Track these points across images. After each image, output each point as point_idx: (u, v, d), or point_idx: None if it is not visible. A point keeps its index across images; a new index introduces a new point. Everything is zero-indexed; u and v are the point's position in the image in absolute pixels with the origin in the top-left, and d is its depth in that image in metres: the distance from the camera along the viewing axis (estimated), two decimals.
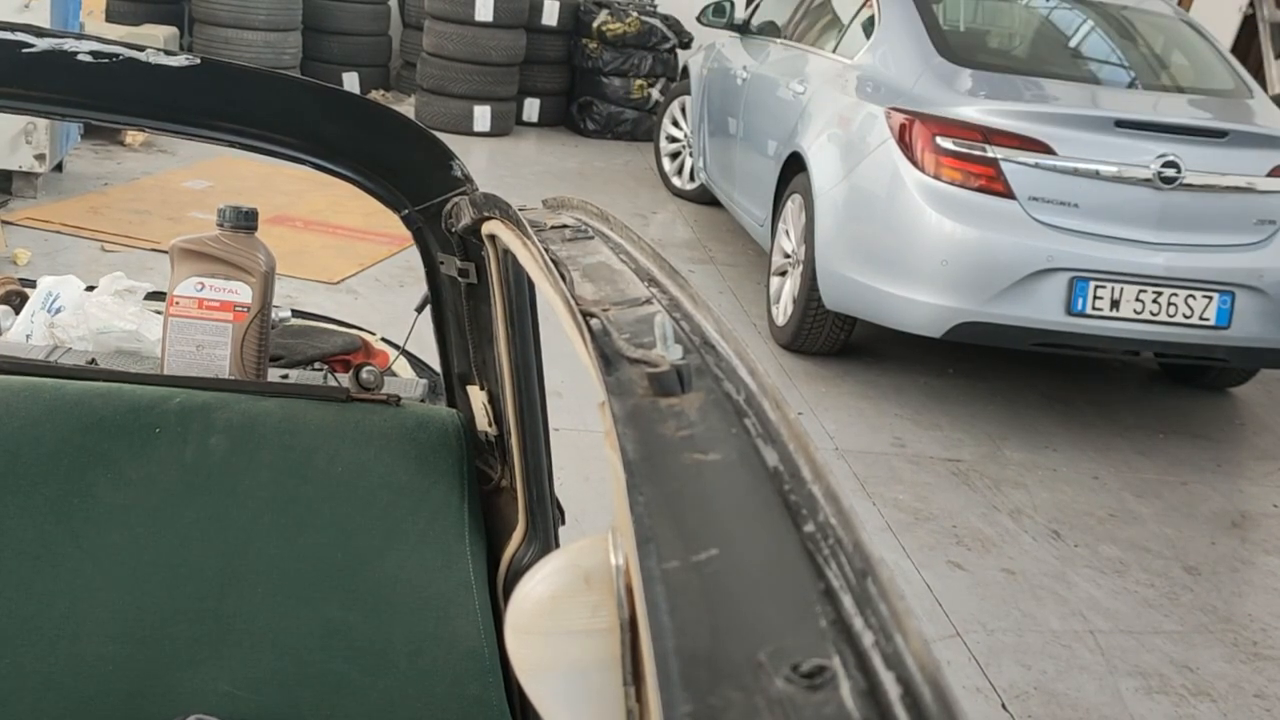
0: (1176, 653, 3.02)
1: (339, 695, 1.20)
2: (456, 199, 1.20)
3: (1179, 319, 4.16)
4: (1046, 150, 4.10)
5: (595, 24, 8.87)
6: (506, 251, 1.04)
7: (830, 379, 4.60)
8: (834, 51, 5.25)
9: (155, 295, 1.79)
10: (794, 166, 4.92)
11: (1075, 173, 4.11)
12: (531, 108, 9.01)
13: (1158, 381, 5.22)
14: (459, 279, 1.26)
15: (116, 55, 1.11)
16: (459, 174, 1.22)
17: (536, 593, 0.46)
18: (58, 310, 1.72)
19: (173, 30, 7.23)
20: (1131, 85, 4.93)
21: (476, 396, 1.35)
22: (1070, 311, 4.12)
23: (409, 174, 1.23)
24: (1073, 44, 5.25)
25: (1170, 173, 4.12)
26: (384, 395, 1.33)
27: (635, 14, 8.95)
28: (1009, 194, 4.09)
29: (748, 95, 5.92)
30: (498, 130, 8.43)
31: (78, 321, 1.68)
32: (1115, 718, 2.77)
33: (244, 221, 1.42)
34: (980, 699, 2.76)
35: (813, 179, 4.62)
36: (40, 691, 1.14)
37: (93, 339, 1.66)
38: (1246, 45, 8.95)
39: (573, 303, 0.63)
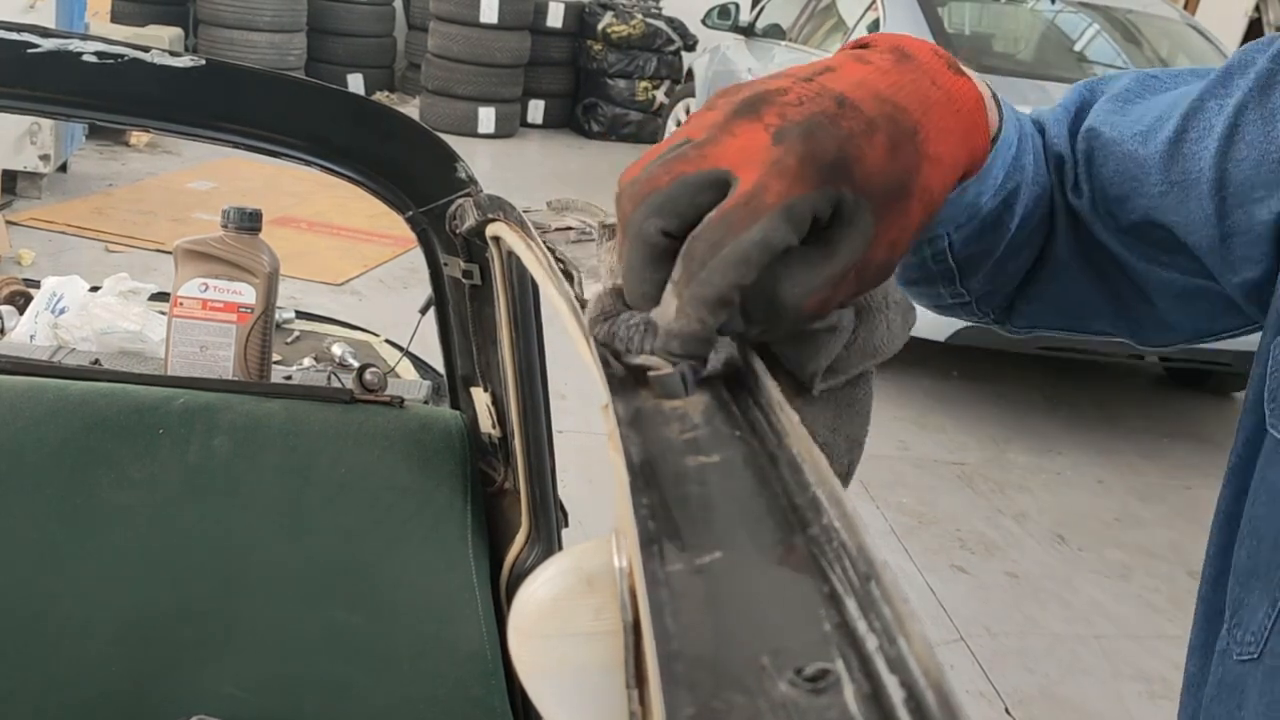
0: (1180, 657, 3.01)
1: (341, 697, 1.20)
2: (461, 201, 1.20)
3: None
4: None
5: (600, 26, 8.88)
6: (510, 253, 1.04)
7: None
8: None
9: (159, 296, 1.79)
10: None
11: None
12: (536, 109, 9.02)
13: (1162, 385, 5.21)
14: (463, 281, 1.26)
15: (121, 56, 1.11)
16: (463, 175, 1.22)
17: (539, 595, 0.46)
18: (62, 311, 1.72)
19: (178, 31, 7.25)
20: None
21: (480, 398, 1.35)
22: None
23: (413, 175, 1.23)
24: (1077, 48, 5.25)
25: None
26: (387, 397, 1.33)
27: (640, 16, 8.96)
28: None
29: None
30: (502, 132, 8.44)
31: (82, 322, 1.68)
32: None
33: (248, 223, 1.42)
34: (984, 703, 2.76)
35: None
36: (43, 692, 1.14)
37: (96, 339, 1.66)
38: None
39: (576, 305, 0.63)
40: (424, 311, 1.47)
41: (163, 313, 1.56)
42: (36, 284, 1.87)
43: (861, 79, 0.53)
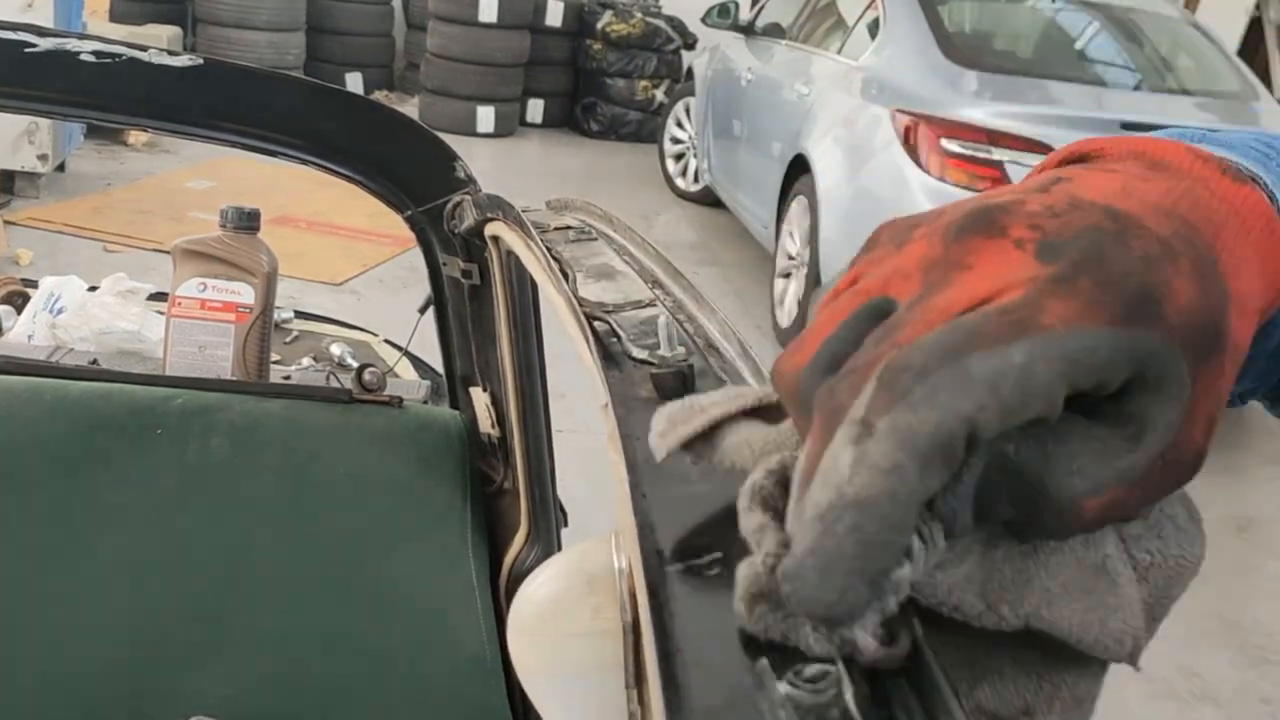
0: (1182, 657, 3.01)
1: (340, 698, 1.19)
2: (460, 200, 1.20)
3: None
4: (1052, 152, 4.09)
5: (599, 25, 8.88)
6: (510, 253, 1.04)
7: None
8: (839, 53, 5.25)
9: (157, 296, 1.79)
10: (798, 168, 4.92)
11: None
12: (535, 109, 9.01)
13: None
14: (462, 280, 1.25)
15: (119, 55, 1.11)
16: (462, 175, 1.22)
17: (539, 595, 0.46)
18: (60, 311, 1.72)
19: (176, 30, 7.24)
20: (1137, 87, 4.92)
21: (479, 398, 1.35)
22: None
23: (412, 175, 1.23)
24: (1078, 46, 5.24)
25: None
26: (386, 397, 1.33)
27: (640, 15, 8.96)
28: None
29: (752, 96, 5.92)
30: (501, 131, 8.43)
31: (80, 322, 1.68)
32: None
33: (246, 222, 1.42)
34: None
35: (817, 181, 4.62)
36: (41, 693, 1.14)
37: (95, 339, 1.66)
38: (1253, 48, 8.94)
39: (576, 304, 0.63)
40: (423, 311, 1.47)
41: (161, 312, 1.56)
42: (34, 284, 1.87)
43: (1122, 187, 0.37)
